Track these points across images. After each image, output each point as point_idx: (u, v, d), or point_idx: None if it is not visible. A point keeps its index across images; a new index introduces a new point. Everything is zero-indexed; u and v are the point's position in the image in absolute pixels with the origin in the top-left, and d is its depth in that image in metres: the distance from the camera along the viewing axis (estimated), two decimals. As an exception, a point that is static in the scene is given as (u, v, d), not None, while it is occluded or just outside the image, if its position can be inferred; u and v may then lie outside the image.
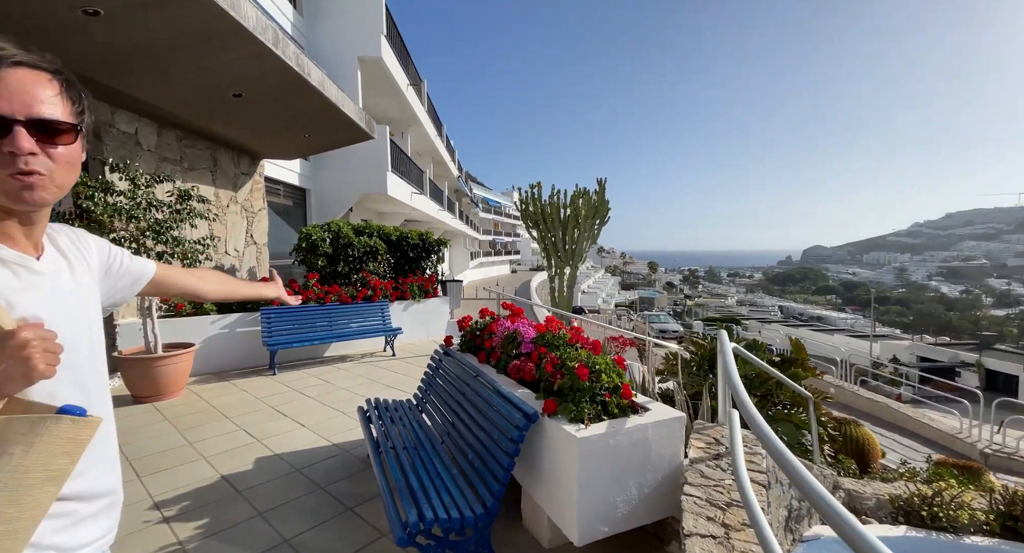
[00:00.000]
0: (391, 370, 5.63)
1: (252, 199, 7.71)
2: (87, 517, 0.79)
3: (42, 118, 0.71)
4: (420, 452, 2.55)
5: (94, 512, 0.81)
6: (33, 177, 0.71)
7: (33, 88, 0.71)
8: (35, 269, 0.78)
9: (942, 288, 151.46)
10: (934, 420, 10.65)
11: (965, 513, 3.34)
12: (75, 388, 0.79)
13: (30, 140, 0.70)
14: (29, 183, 0.71)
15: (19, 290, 0.73)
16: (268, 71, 4.70)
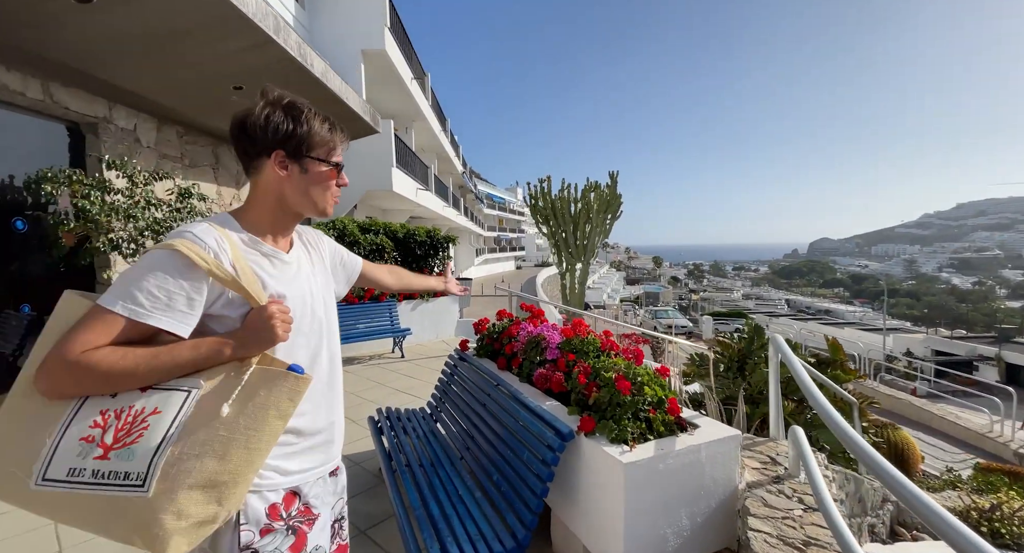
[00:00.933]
0: (401, 373, 5.40)
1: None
2: (303, 450, 1.03)
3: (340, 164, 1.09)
4: (438, 470, 2.32)
5: (308, 447, 1.04)
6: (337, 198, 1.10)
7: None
8: (285, 260, 1.04)
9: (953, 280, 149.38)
10: (961, 418, 10.30)
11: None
12: (304, 350, 1.04)
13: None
14: (336, 201, 1.09)
15: (273, 275, 0.99)
16: (269, 62, 4.46)
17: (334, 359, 1.13)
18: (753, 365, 3.99)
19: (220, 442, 0.84)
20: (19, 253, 4.14)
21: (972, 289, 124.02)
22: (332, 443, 1.11)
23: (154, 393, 0.85)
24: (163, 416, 0.83)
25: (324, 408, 1.08)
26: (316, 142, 1.02)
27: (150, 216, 4.14)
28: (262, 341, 0.91)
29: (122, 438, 0.81)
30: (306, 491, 1.03)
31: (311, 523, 1.03)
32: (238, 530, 0.92)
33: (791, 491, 1.83)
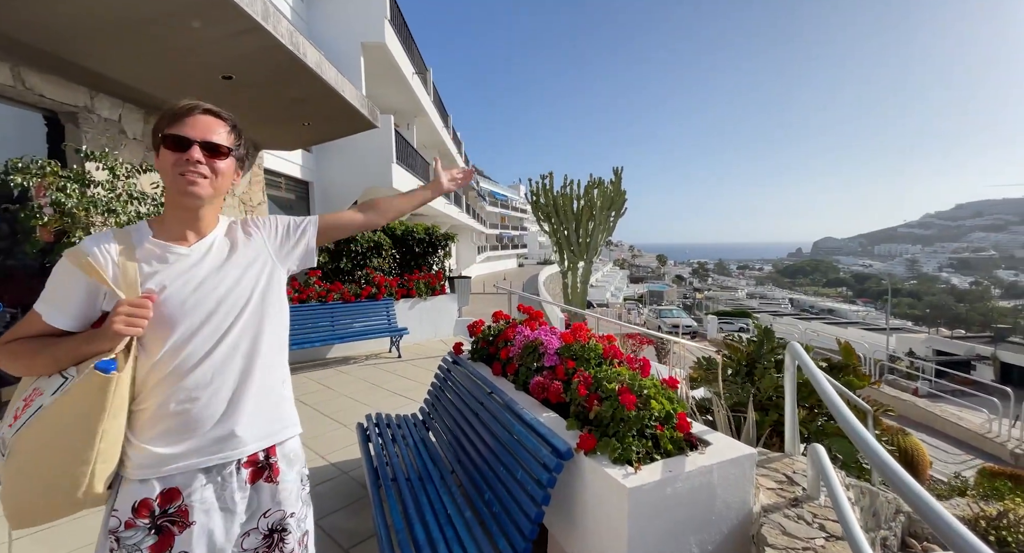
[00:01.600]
0: (397, 374, 5.25)
1: (251, 192, 7.33)
2: (179, 439, 1.02)
3: (210, 141, 1.06)
4: (426, 485, 2.16)
5: (186, 436, 1.02)
6: (195, 177, 1.04)
7: (210, 125, 1.08)
8: (180, 252, 1.07)
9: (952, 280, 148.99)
10: (963, 419, 10.15)
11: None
12: (184, 337, 1.03)
13: (199, 153, 1.04)
14: (191, 180, 1.04)
15: (159, 269, 1.04)
16: (259, 50, 4.27)
17: (247, 346, 1.11)
18: (763, 370, 3.82)
19: (46, 430, 0.95)
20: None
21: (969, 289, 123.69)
22: (228, 433, 1.07)
23: (51, 378, 0.99)
24: (42, 398, 0.97)
25: (214, 397, 1.06)
26: (161, 127, 1.06)
27: (133, 210, 3.98)
28: (105, 336, 0.96)
29: (19, 414, 0.98)
30: (189, 492, 1.03)
31: (183, 527, 1.01)
32: (110, 513, 1.01)
33: (811, 516, 1.66)
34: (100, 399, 0.94)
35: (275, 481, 1.12)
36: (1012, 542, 2.85)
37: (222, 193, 1.12)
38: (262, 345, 1.13)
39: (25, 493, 0.96)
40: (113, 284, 0.99)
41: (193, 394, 1.03)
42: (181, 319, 1.03)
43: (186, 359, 1.03)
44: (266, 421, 1.13)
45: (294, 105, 5.75)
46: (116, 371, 0.96)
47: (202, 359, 1.05)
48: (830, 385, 1.64)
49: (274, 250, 1.22)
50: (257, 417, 1.11)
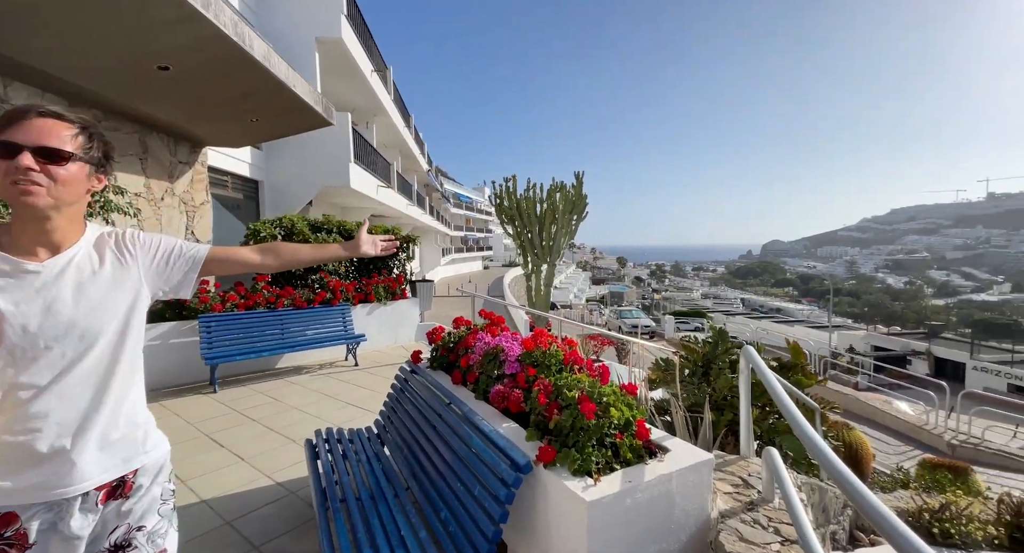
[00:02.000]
0: (353, 383, 5.03)
1: (193, 191, 6.87)
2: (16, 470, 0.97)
3: (45, 146, 0.94)
4: (378, 504, 2.03)
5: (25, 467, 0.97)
6: (29, 186, 0.93)
7: (46, 128, 0.96)
8: (27, 268, 0.98)
9: (888, 280, 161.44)
10: (901, 412, 10.91)
11: (977, 528, 3.10)
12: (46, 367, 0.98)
13: (31, 160, 0.93)
14: (25, 189, 0.93)
15: (2, 287, 0.95)
16: (199, 40, 3.99)
17: (100, 375, 1.04)
18: (718, 370, 3.91)
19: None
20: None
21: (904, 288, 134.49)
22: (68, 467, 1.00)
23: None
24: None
25: (58, 428, 0.99)
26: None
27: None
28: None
29: None
30: (29, 515, 0.98)
31: (21, 550, 0.97)
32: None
33: (767, 520, 1.68)
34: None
35: (125, 496, 1.09)
36: (955, 534, 2.99)
37: (69, 202, 1.00)
38: (118, 373, 1.07)
39: None
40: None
41: (32, 425, 0.97)
42: (22, 343, 0.96)
43: (26, 387, 0.96)
44: (118, 450, 1.08)
45: (241, 99, 5.43)
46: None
47: (45, 388, 0.98)
48: (781, 388, 1.66)
49: (146, 273, 1.14)
50: (107, 448, 1.06)
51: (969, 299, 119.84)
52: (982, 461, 8.32)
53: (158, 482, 1.15)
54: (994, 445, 8.98)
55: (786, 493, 1.46)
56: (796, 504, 1.39)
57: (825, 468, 1.24)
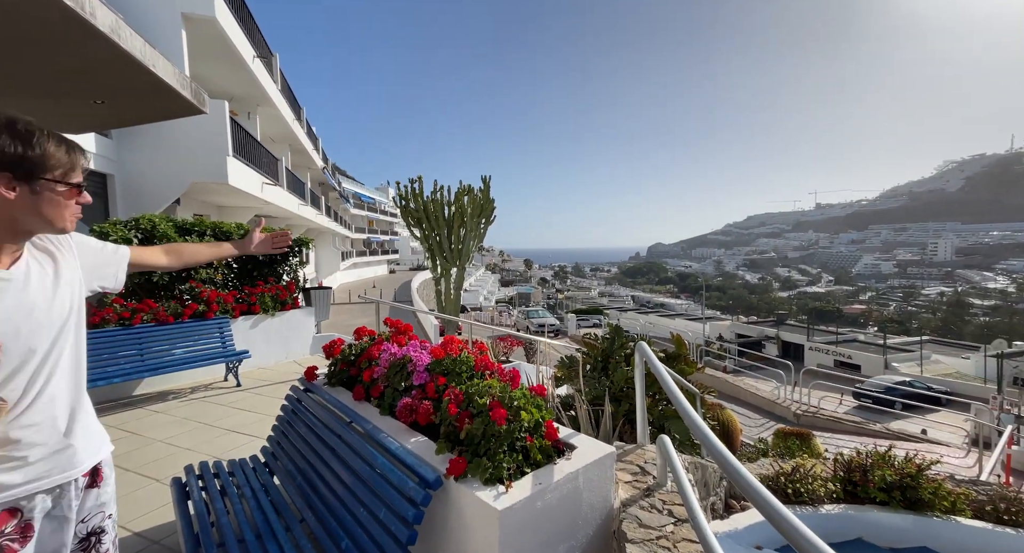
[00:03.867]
0: (235, 407, 4.44)
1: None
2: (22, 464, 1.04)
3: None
4: (267, 544, 1.80)
5: (28, 460, 1.05)
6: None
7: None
8: (3, 277, 1.04)
9: (746, 276, 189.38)
10: (759, 389, 12.81)
11: (820, 486, 3.71)
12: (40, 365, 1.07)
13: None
14: (78, 218, 1.12)
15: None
16: (16, 3, 3.22)
17: (73, 367, 1.16)
18: (615, 364, 4.20)
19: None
20: None
21: (758, 283, 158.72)
22: (69, 453, 1.12)
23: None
24: None
25: (55, 419, 1.10)
26: (51, 164, 1.04)
27: None
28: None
29: None
30: (30, 507, 1.06)
31: (25, 541, 1.05)
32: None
33: (661, 504, 1.82)
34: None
35: (99, 486, 1.21)
36: (804, 492, 3.54)
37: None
38: (82, 364, 1.20)
39: None
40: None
41: (32, 418, 1.06)
42: (13, 346, 1.03)
43: (21, 386, 1.05)
44: (92, 438, 1.20)
45: (78, 76, 4.51)
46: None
47: (37, 384, 1.07)
48: (671, 379, 1.82)
49: (84, 269, 1.24)
50: (88, 433, 1.18)
51: (805, 291, 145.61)
52: (819, 426, 10.10)
53: (113, 472, 1.28)
54: (827, 412, 10.97)
55: (677, 477, 1.59)
56: (686, 486, 1.53)
57: (706, 447, 1.39)
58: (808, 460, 4.13)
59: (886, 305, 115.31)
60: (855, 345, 27.67)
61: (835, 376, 15.65)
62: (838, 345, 27.27)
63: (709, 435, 1.41)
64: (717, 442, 1.37)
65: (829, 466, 3.99)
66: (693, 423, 1.49)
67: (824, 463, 4.20)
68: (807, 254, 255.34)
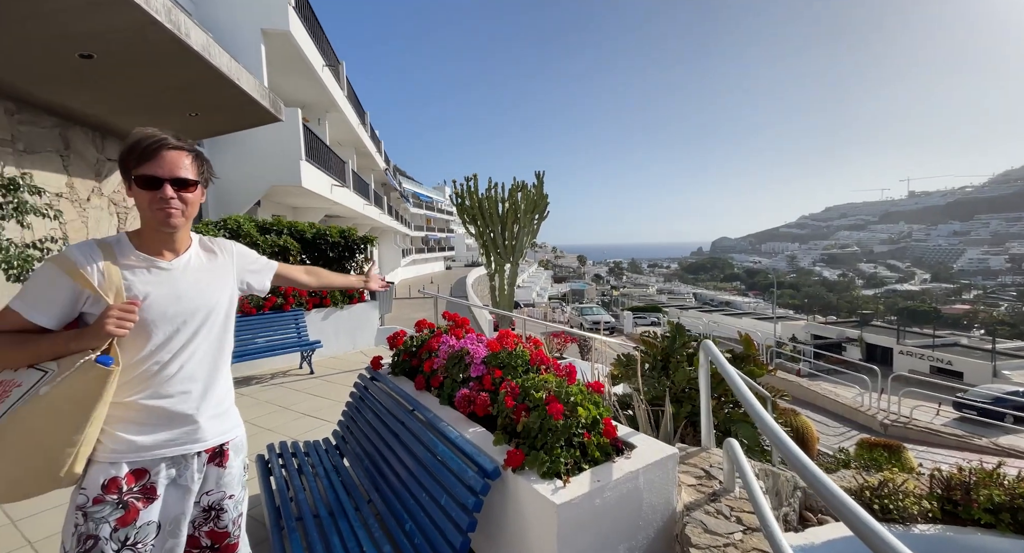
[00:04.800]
0: (309, 393, 4.79)
1: (124, 191, 6.33)
2: (152, 428, 1.18)
3: (179, 177, 1.20)
4: (339, 521, 1.93)
5: (158, 426, 1.18)
6: (172, 211, 1.19)
7: (176, 160, 1.20)
8: (162, 266, 1.23)
9: (824, 272, 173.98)
10: (839, 395, 11.74)
11: (912, 503, 3.35)
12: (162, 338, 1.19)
13: (171, 190, 1.18)
14: (168, 213, 1.19)
15: (144, 279, 1.19)
16: (126, 26, 3.65)
17: (206, 348, 1.27)
18: (676, 364, 4.03)
19: (39, 415, 1.06)
20: None
21: (838, 280, 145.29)
22: (195, 427, 1.23)
23: (26, 370, 1.10)
24: (20, 389, 1.08)
25: (186, 395, 1.22)
26: (130, 165, 1.19)
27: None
28: (95, 335, 1.08)
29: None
30: (157, 471, 1.18)
31: (148, 502, 1.16)
32: (78, 491, 1.14)
33: (729, 510, 1.72)
34: (99, 390, 1.08)
35: (223, 466, 1.30)
36: (893, 509, 3.22)
37: (192, 217, 1.27)
38: (223, 353, 1.32)
39: (13, 472, 1.08)
40: (100, 290, 1.12)
41: (167, 391, 1.19)
42: (161, 325, 1.19)
43: (163, 360, 1.19)
44: (223, 419, 1.31)
45: (176, 93, 5.04)
46: (115, 365, 1.10)
47: (177, 361, 1.21)
48: (741, 381, 1.71)
49: (238, 272, 1.41)
50: (217, 416, 1.29)
51: (894, 289, 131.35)
52: (911, 438, 9.08)
53: (240, 458, 1.37)
54: (921, 423, 9.84)
55: (747, 483, 1.50)
56: (757, 493, 1.44)
57: (783, 455, 1.29)
58: (898, 474, 3.74)
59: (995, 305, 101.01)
60: (956, 350, 24.53)
61: (931, 383, 14.00)
62: (935, 349, 24.33)
63: (787, 441, 1.32)
64: (796, 449, 1.28)
65: (924, 482, 3.59)
66: (768, 428, 1.40)
67: (918, 479, 3.79)
68: (897, 248, 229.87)
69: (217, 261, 1.35)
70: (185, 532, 1.23)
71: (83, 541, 1.10)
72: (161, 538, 1.19)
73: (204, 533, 1.28)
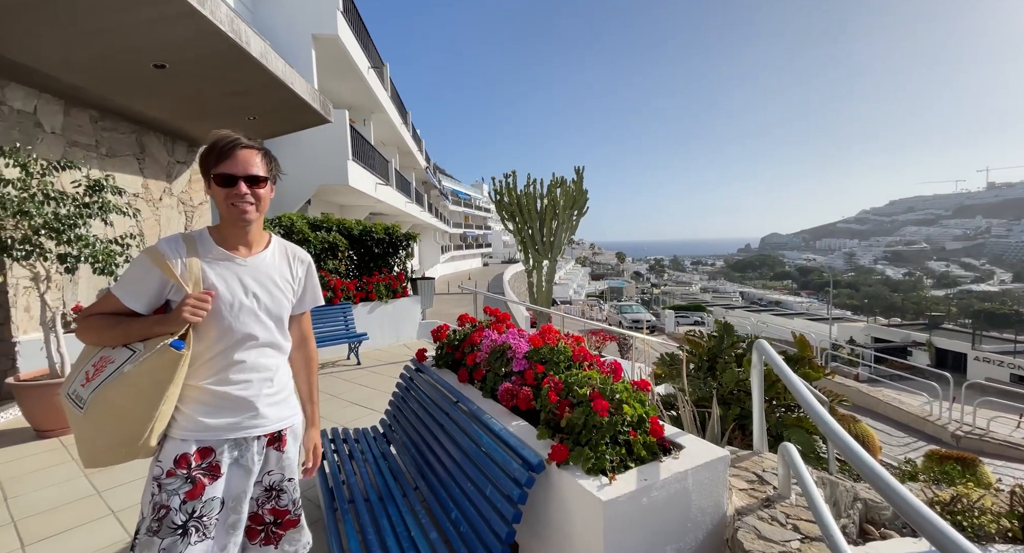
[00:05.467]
0: (356, 383, 5.00)
1: (191, 191, 6.82)
2: (218, 411, 1.28)
3: (251, 174, 1.29)
4: (387, 505, 2.00)
5: (223, 409, 1.28)
6: (246, 207, 1.29)
7: (249, 158, 1.29)
8: (236, 261, 1.33)
9: (887, 271, 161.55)
10: (904, 403, 10.90)
11: (990, 521, 3.08)
12: (223, 328, 1.28)
13: (245, 186, 1.28)
14: (243, 209, 1.29)
15: (218, 272, 1.29)
16: (195, 36, 3.93)
17: (268, 341, 1.35)
18: (724, 365, 3.88)
19: (123, 391, 1.18)
20: None
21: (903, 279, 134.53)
22: (255, 413, 1.31)
23: (119, 349, 1.23)
24: (112, 365, 1.20)
25: (250, 383, 1.31)
26: (210, 164, 1.29)
27: (49, 212, 3.55)
28: (174, 321, 1.20)
29: (91, 376, 1.21)
30: (221, 450, 1.27)
31: (213, 479, 1.26)
32: (155, 463, 1.25)
33: (784, 517, 1.65)
34: (171, 371, 1.19)
35: (282, 451, 1.39)
36: (968, 526, 2.97)
37: (264, 212, 1.36)
38: (284, 348, 1.41)
39: (98, 441, 1.22)
40: (181, 280, 1.23)
41: (235, 377, 1.29)
42: (233, 316, 1.28)
43: (232, 349, 1.28)
44: (281, 407, 1.39)
45: (237, 97, 5.37)
46: (186, 349, 1.21)
47: (244, 351, 1.30)
48: (801, 382, 1.63)
49: (295, 285, 1.48)
50: (276, 403, 1.37)
51: (969, 289, 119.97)
52: (987, 452, 8.30)
53: (297, 444, 1.47)
54: (999, 436, 8.97)
55: (808, 490, 1.43)
56: (818, 501, 1.37)
57: (855, 464, 1.23)
58: (974, 490, 3.44)
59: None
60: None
61: (1011, 393, 12.73)
62: (1016, 356, 22.08)
63: (856, 448, 1.25)
64: (868, 457, 1.21)
65: (1003, 499, 3.28)
66: (834, 433, 1.33)
67: (996, 495, 3.47)
68: (973, 245, 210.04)
69: (288, 267, 1.43)
70: (246, 509, 1.31)
71: (157, 510, 1.19)
72: (224, 513, 1.27)
73: (267, 510, 1.37)
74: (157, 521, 1.19)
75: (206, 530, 1.22)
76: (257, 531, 1.37)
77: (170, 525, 1.18)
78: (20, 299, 4.27)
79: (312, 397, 1.65)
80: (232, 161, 1.26)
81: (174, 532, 1.18)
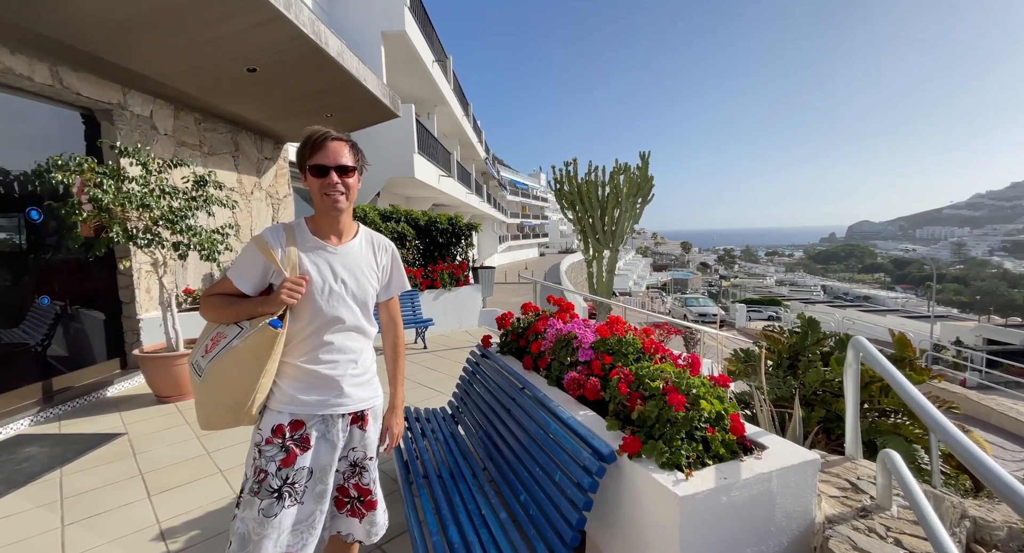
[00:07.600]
0: (424, 365, 5.23)
1: (277, 185, 7.41)
2: (309, 388, 1.39)
3: (342, 165, 1.39)
4: (458, 483, 2.09)
5: (313, 387, 1.39)
6: (337, 196, 1.39)
7: (339, 149, 1.39)
8: (328, 249, 1.43)
9: (1005, 264, 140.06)
10: (1022, 413, 9.50)
11: None
12: (315, 311, 1.38)
13: (336, 176, 1.38)
14: (335, 199, 1.39)
15: (312, 260, 1.40)
16: (281, 41, 4.23)
17: (354, 324, 1.44)
18: (807, 363, 3.60)
19: (231, 363, 1.32)
20: (36, 245, 4.10)
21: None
22: (340, 392, 1.42)
23: (231, 326, 1.37)
24: (225, 340, 1.35)
25: (338, 363, 1.41)
26: (305, 156, 1.40)
27: (165, 205, 4.02)
28: (274, 302, 1.33)
29: (209, 348, 1.37)
30: (311, 424, 1.39)
31: (304, 450, 1.37)
32: (256, 431, 1.39)
33: (884, 530, 1.50)
34: (269, 347, 1.31)
35: (364, 430, 1.49)
36: None
37: (353, 200, 1.46)
38: (368, 332, 1.50)
39: (212, 406, 1.37)
40: (281, 265, 1.36)
41: (323, 357, 1.39)
42: (324, 300, 1.38)
43: (321, 330, 1.39)
44: (364, 388, 1.48)
45: (316, 96, 5.72)
46: (282, 328, 1.33)
47: (333, 333, 1.40)
48: (911, 385, 1.47)
49: (381, 274, 1.57)
50: (360, 385, 1.46)
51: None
52: None
53: (378, 424, 1.57)
54: None
55: (916, 502, 1.29)
56: (931, 515, 1.23)
57: (981, 475, 1.11)
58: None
59: None
60: None
61: None
62: None
63: (983, 457, 1.12)
64: (999, 469, 1.08)
65: None
66: (954, 439, 1.19)
67: None
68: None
69: (374, 256, 1.53)
70: (332, 481, 1.41)
71: (257, 473, 1.33)
72: (312, 482, 1.38)
73: (352, 485, 1.48)
74: (257, 483, 1.32)
75: (297, 495, 1.34)
76: (344, 502, 1.48)
77: (268, 488, 1.31)
78: (142, 282, 4.90)
79: (396, 379, 1.70)
80: (324, 152, 1.36)
81: (271, 495, 1.31)
